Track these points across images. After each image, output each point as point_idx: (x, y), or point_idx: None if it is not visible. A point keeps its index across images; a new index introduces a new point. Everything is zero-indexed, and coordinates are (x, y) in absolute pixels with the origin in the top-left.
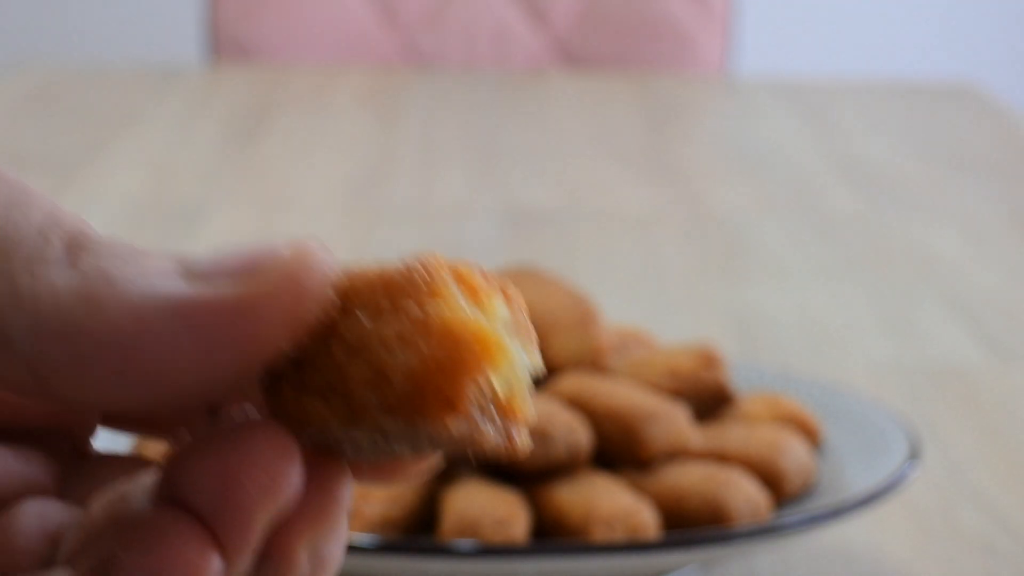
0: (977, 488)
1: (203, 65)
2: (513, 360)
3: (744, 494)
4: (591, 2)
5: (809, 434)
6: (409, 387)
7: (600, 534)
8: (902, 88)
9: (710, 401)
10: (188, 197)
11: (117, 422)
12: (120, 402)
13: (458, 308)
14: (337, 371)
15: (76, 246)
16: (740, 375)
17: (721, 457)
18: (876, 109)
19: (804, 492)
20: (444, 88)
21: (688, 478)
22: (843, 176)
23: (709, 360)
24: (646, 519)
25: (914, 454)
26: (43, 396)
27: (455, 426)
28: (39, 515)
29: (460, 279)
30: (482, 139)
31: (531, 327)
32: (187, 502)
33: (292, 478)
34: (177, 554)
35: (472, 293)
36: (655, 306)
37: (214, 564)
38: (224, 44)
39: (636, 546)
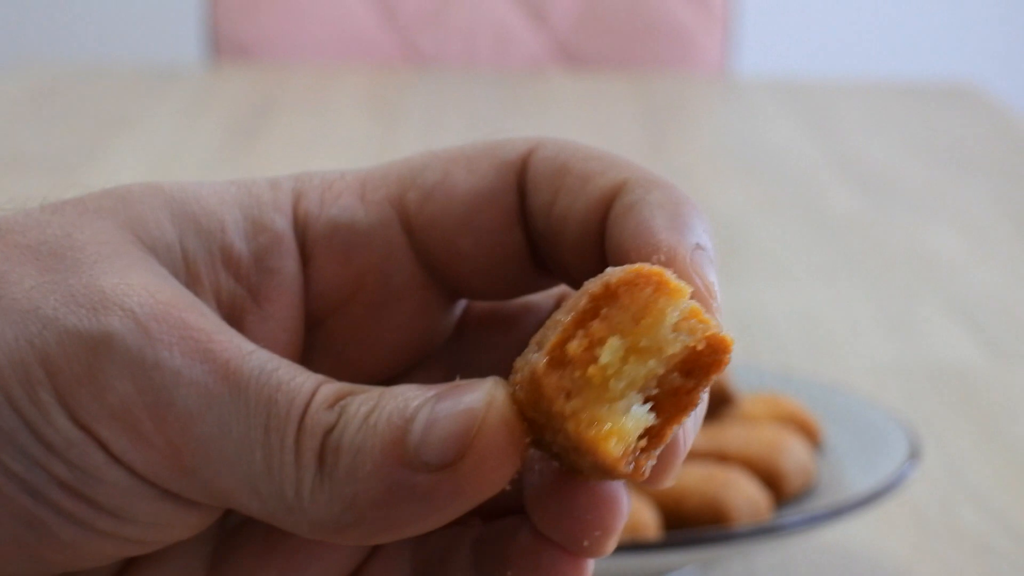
0: (977, 488)
1: (203, 65)
2: (633, 425)
3: (744, 494)
4: (591, 2)
5: (809, 434)
6: (598, 473)
7: None
8: (902, 88)
9: (710, 401)
10: None
11: None
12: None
13: (579, 422)
14: (564, 460)
15: (323, 451)
16: (740, 375)
17: (721, 457)
18: (876, 109)
19: (804, 492)
20: (444, 88)
21: (688, 478)
22: (843, 176)
23: None
24: (646, 519)
25: (914, 454)
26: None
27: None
28: None
29: (562, 362)
30: (482, 139)
31: (643, 290)
32: (549, 537)
33: (623, 512)
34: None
35: (578, 367)
36: None
37: (589, 569)
38: (224, 44)
39: (636, 546)
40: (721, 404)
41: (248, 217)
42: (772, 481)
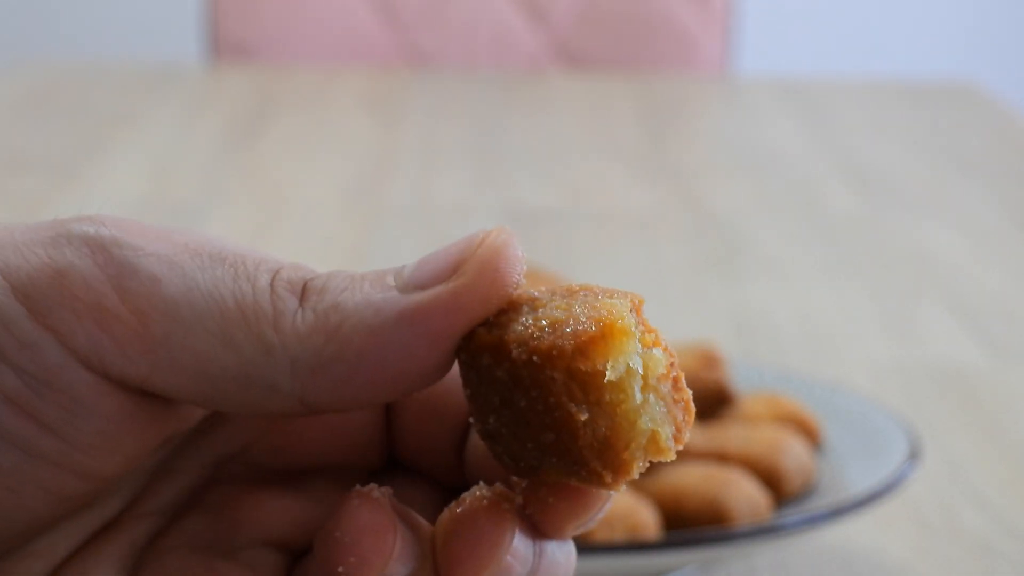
0: (977, 488)
1: (203, 65)
2: (628, 358)
3: (744, 494)
4: (591, 2)
5: (809, 434)
6: (546, 331)
7: (600, 534)
8: (902, 88)
9: (710, 401)
10: (188, 197)
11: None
12: (371, 402)
13: (624, 310)
14: (513, 319)
15: (304, 290)
16: (740, 375)
17: (721, 457)
18: (876, 109)
19: (804, 492)
20: (444, 88)
21: (688, 478)
22: (843, 176)
23: (709, 360)
24: (646, 519)
25: (914, 454)
26: (310, 414)
27: (557, 377)
28: None
29: (638, 312)
30: (482, 139)
31: (680, 413)
32: (319, 560)
33: (386, 545)
34: None
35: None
36: (655, 306)
37: None
38: (224, 44)
39: (636, 546)
40: (721, 404)
41: None
42: (772, 481)
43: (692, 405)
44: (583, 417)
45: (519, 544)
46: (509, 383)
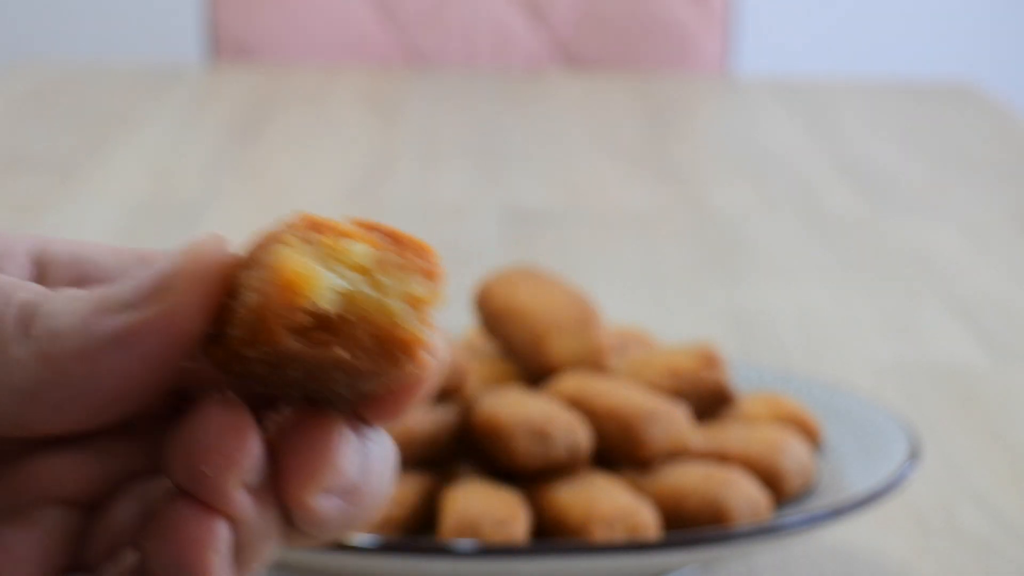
0: (977, 488)
1: (203, 65)
2: (327, 283)
3: (744, 494)
4: (591, 2)
5: (809, 434)
6: (252, 320)
7: (600, 534)
8: (902, 88)
9: (710, 401)
10: (188, 197)
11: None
12: (94, 423)
13: (287, 254)
14: (230, 320)
15: (25, 316)
16: (740, 375)
17: (721, 457)
18: (876, 109)
19: (804, 492)
20: (444, 88)
21: (688, 478)
22: (843, 176)
23: (709, 360)
24: (646, 519)
25: (914, 454)
26: (32, 435)
27: (291, 347)
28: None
29: (316, 227)
30: (482, 139)
31: (417, 260)
32: (176, 483)
33: (248, 443)
34: (183, 533)
35: (329, 233)
36: (655, 306)
37: (218, 530)
38: (224, 44)
39: (636, 546)
40: (721, 404)
41: None
42: (772, 481)
43: (420, 240)
44: (345, 354)
45: (350, 442)
46: (271, 372)
